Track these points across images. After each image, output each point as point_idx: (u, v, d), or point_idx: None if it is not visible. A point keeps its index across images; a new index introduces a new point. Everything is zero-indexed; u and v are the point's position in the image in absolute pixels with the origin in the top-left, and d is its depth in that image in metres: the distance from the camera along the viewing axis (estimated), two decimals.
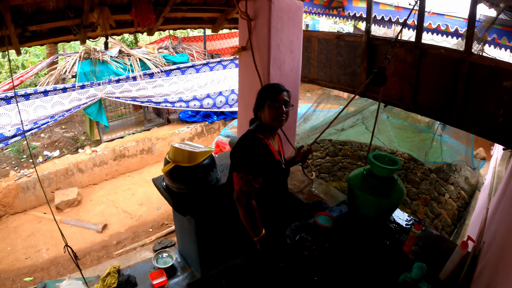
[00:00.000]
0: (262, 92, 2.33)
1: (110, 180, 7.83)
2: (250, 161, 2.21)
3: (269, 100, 2.25)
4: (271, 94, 2.27)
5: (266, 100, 2.25)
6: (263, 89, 2.34)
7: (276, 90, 2.28)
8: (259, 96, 2.33)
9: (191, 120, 9.16)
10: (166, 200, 2.92)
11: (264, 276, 1.92)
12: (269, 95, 2.27)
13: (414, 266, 1.83)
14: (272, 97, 2.25)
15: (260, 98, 2.31)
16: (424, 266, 1.82)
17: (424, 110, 3.24)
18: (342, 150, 7.52)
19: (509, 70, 2.53)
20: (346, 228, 2.34)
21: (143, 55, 7.85)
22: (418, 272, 1.81)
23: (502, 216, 1.86)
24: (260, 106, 2.30)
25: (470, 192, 5.56)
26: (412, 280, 1.84)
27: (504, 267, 1.26)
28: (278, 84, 2.32)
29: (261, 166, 2.23)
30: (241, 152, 2.26)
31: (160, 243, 5.03)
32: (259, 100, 2.32)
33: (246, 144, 2.28)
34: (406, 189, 6.89)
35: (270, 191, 2.40)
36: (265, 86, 2.34)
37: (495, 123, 2.70)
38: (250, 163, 2.20)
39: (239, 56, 3.23)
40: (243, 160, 2.23)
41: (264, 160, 2.25)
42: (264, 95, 2.29)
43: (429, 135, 5.75)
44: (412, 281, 1.84)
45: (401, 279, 1.88)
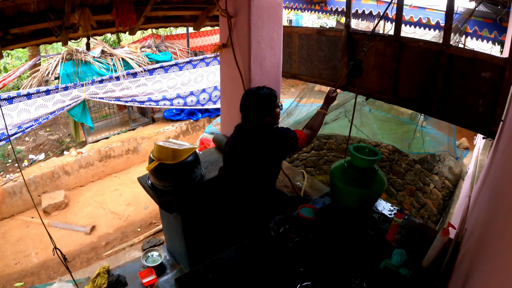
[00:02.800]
0: (272, 99, 2.35)
1: (96, 182, 7.78)
2: (293, 135, 2.36)
3: (276, 103, 2.36)
4: (276, 98, 2.37)
5: (274, 104, 2.35)
6: (272, 96, 2.35)
7: (276, 94, 2.39)
8: (270, 103, 2.33)
9: (176, 118, 9.14)
10: (152, 198, 2.93)
11: (249, 269, 1.95)
12: (275, 99, 2.37)
13: (394, 252, 1.89)
14: (276, 100, 2.38)
15: (271, 105, 2.34)
16: (403, 252, 1.88)
17: (405, 102, 3.30)
18: (327, 144, 7.55)
19: (487, 61, 2.59)
20: (330, 219, 2.39)
21: (126, 54, 7.80)
22: (398, 258, 1.87)
23: (482, 204, 1.91)
24: (270, 112, 2.34)
25: (454, 182, 5.66)
26: (392, 266, 1.89)
27: (482, 252, 1.30)
28: (270, 88, 2.39)
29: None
30: (278, 130, 2.38)
31: (148, 242, 5.04)
32: (270, 106, 2.33)
33: (283, 130, 2.39)
34: (391, 180, 7.01)
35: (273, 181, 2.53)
36: (272, 93, 2.35)
37: (475, 113, 2.76)
38: (294, 136, 2.36)
39: (220, 53, 3.25)
40: (284, 131, 2.37)
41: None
42: (273, 101, 2.35)
43: (412, 127, 5.82)
44: (393, 267, 1.90)
45: (382, 266, 1.94)
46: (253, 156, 2.34)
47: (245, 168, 2.39)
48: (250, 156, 2.34)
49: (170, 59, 8.46)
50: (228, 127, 3.41)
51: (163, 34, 11.00)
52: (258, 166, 2.36)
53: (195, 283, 1.89)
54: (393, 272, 1.89)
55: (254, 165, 2.36)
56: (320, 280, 1.89)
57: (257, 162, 2.35)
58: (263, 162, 2.35)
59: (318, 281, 1.88)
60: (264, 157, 2.33)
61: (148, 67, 7.57)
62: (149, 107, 8.80)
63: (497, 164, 1.97)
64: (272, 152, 2.33)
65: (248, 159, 2.36)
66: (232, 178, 2.50)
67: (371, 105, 6.00)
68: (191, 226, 3.07)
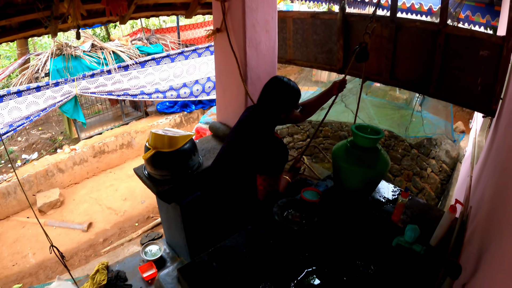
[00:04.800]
0: (298, 96, 2.29)
1: (91, 178, 7.68)
2: (279, 165, 2.25)
3: (298, 104, 2.34)
4: (300, 98, 2.32)
5: (296, 103, 2.31)
6: (299, 93, 2.28)
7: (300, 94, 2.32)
8: (294, 99, 2.27)
9: (169, 111, 9.05)
10: (149, 189, 2.87)
11: (255, 255, 1.90)
12: (299, 98, 2.31)
13: (407, 228, 1.84)
14: (299, 100, 2.33)
15: (294, 102, 2.28)
16: (417, 228, 1.83)
17: (402, 83, 3.27)
18: (323, 131, 7.54)
19: (485, 39, 2.57)
20: (334, 201, 2.35)
21: (117, 47, 7.68)
22: (411, 234, 1.82)
23: (487, 181, 1.88)
24: (290, 109, 2.27)
25: (451, 165, 5.66)
26: (406, 243, 1.85)
27: (493, 229, 1.28)
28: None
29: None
30: (272, 158, 2.23)
31: (147, 236, 4.98)
32: (292, 103, 2.27)
33: (276, 150, 2.24)
34: None
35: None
36: (298, 90, 2.27)
37: (474, 92, 2.74)
38: (279, 167, 2.25)
39: (214, 39, 3.17)
40: (273, 165, 2.23)
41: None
42: (298, 99, 2.29)
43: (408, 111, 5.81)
44: (406, 244, 1.85)
45: (394, 244, 1.89)
46: (244, 150, 2.29)
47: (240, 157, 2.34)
48: (243, 148, 2.30)
49: (161, 51, 8.34)
50: (225, 113, 3.35)
51: (153, 28, 10.89)
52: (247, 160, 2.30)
53: (198, 272, 1.84)
54: (406, 249, 1.85)
55: (248, 158, 2.30)
56: (326, 264, 1.85)
57: (251, 159, 2.29)
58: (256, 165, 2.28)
59: (324, 265, 1.84)
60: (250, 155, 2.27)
61: (139, 59, 7.47)
62: (142, 101, 8.71)
63: (499, 141, 1.95)
64: (254, 157, 2.26)
65: (240, 150, 2.31)
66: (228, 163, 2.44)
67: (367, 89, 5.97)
68: (190, 216, 3.02)
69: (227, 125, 3.35)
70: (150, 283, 3.43)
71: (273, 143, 2.23)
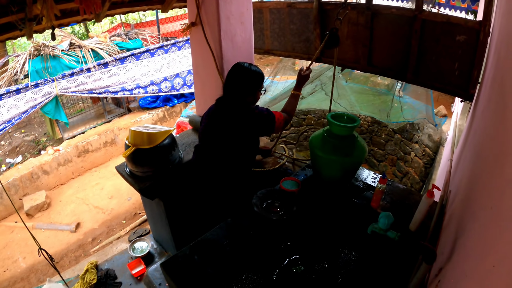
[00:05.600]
0: (261, 79, 2.32)
1: (77, 178, 7.64)
2: (272, 117, 2.32)
3: (261, 86, 2.34)
4: (263, 80, 2.34)
5: (260, 86, 2.32)
6: (261, 76, 2.33)
7: (264, 76, 2.37)
8: (257, 82, 2.30)
9: (151, 106, 9.02)
10: (132, 186, 2.85)
11: (236, 247, 1.92)
12: (263, 81, 2.34)
13: (381, 215, 1.87)
14: (263, 82, 2.34)
15: (258, 85, 2.31)
16: (390, 214, 1.86)
17: (380, 70, 3.28)
18: (306, 120, 7.56)
19: (461, 24, 2.58)
20: (313, 190, 2.37)
21: (95, 45, 7.59)
22: (385, 221, 1.84)
23: (465, 165, 1.91)
24: (254, 92, 2.31)
25: (434, 149, 5.74)
26: (380, 230, 1.87)
27: (467, 213, 1.30)
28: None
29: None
30: (257, 110, 2.32)
31: (134, 233, 4.96)
32: (256, 86, 2.30)
33: (260, 110, 2.33)
34: (372, 151, 7.07)
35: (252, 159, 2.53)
36: (260, 73, 2.32)
37: (451, 77, 2.76)
38: (273, 117, 2.33)
39: (190, 32, 3.15)
40: (263, 112, 2.32)
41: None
42: (261, 82, 2.32)
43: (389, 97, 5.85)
44: (381, 231, 1.87)
45: (369, 231, 1.92)
46: (230, 133, 2.30)
47: (221, 144, 2.35)
48: (227, 132, 2.30)
49: (141, 46, 8.27)
50: (204, 107, 3.32)
51: (133, 23, 10.77)
52: (234, 142, 2.32)
53: (181, 266, 1.85)
54: (381, 236, 1.88)
55: (230, 141, 2.32)
56: (309, 252, 1.87)
57: (233, 139, 2.31)
58: (240, 139, 2.32)
59: (307, 253, 1.86)
60: (240, 134, 2.30)
61: (119, 55, 7.40)
62: (123, 97, 8.63)
63: (477, 125, 1.97)
64: (248, 130, 2.30)
65: (225, 135, 2.32)
66: (208, 154, 2.45)
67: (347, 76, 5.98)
68: (174, 210, 3.02)
69: None
70: (139, 280, 3.42)
71: (255, 110, 2.32)
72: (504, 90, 1.28)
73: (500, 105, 1.28)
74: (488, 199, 1.04)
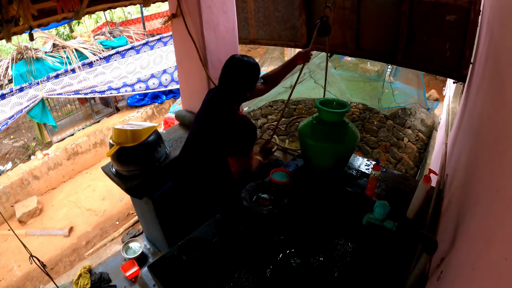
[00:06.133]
0: (258, 72, 2.23)
1: (68, 181, 7.51)
2: (248, 144, 2.18)
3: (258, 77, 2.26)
4: (260, 72, 2.26)
5: (258, 78, 2.25)
6: (259, 69, 2.22)
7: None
8: (256, 76, 2.21)
9: (140, 104, 8.91)
10: (119, 186, 2.76)
11: (225, 244, 1.83)
12: (260, 73, 2.26)
13: (376, 205, 1.78)
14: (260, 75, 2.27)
15: (256, 78, 2.22)
16: (386, 203, 1.77)
17: (369, 53, 3.21)
18: (297, 110, 7.46)
19: (451, 3, 2.50)
20: (305, 181, 2.29)
21: (79, 44, 7.45)
22: (380, 210, 1.75)
23: (461, 148, 1.83)
24: (253, 86, 2.23)
25: (427, 133, 5.68)
26: (376, 220, 1.78)
27: (468, 197, 1.23)
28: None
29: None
30: (239, 137, 2.16)
31: (128, 233, 4.86)
32: (255, 80, 2.22)
33: (242, 128, 2.16)
34: (365, 139, 7.03)
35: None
36: (257, 65, 2.21)
37: (443, 58, 2.69)
38: (248, 146, 2.18)
39: (172, 24, 3.04)
40: (241, 144, 2.16)
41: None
42: (259, 75, 2.24)
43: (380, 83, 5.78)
44: (377, 222, 1.78)
45: (365, 222, 1.84)
46: (215, 135, 2.20)
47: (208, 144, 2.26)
48: (212, 133, 2.21)
49: (125, 44, 8.12)
50: (189, 101, 3.24)
51: (118, 21, 10.62)
52: (218, 144, 2.23)
53: (169, 267, 1.76)
54: (377, 227, 1.79)
55: (215, 142, 2.22)
56: (303, 245, 1.79)
57: (217, 141, 2.21)
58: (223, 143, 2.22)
59: (301, 246, 1.78)
60: (222, 140, 2.20)
61: (103, 54, 7.26)
62: (111, 96, 8.50)
63: (471, 106, 1.90)
64: (229, 139, 2.18)
65: (210, 136, 2.22)
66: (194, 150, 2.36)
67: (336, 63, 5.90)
68: (163, 209, 2.94)
69: (193, 112, 3.24)
70: (134, 281, 3.36)
71: (239, 123, 2.15)
72: (499, 67, 1.21)
73: (496, 83, 1.22)
74: (492, 181, 0.96)
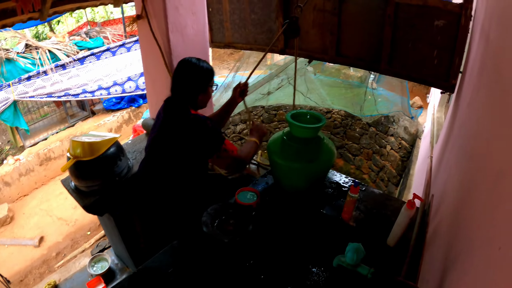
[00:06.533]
0: (211, 75, 2.07)
1: (40, 188, 7.20)
2: (212, 142, 1.98)
3: (212, 81, 2.09)
4: (214, 76, 2.10)
5: (211, 82, 2.08)
6: (212, 72, 2.07)
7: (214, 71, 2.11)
8: (208, 79, 2.06)
9: (116, 107, 8.61)
10: (77, 202, 2.53)
11: (183, 275, 1.62)
12: (213, 76, 2.10)
13: (348, 249, 1.53)
14: (214, 78, 2.12)
15: (208, 81, 2.06)
16: (360, 247, 1.52)
17: (351, 60, 3.03)
18: (277, 115, 7.33)
19: (440, 8, 2.33)
20: (274, 202, 2.07)
21: (53, 45, 7.13)
22: (353, 256, 1.51)
23: (451, 168, 1.66)
24: (206, 89, 2.06)
25: (411, 141, 5.57)
26: (348, 265, 1.55)
27: (461, 237, 1.05)
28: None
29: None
30: (204, 136, 1.98)
31: (98, 246, 4.62)
32: (207, 83, 2.06)
33: (198, 126, 1.98)
34: (347, 146, 6.91)
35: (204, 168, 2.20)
36: (212, 70, 2.07)
37: (430, 66, 2.51)
38: (213, 144, 1.98)
39: (137, 27, 2.83)
40: (210, 142, 1.99)
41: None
42: (211, 78, 2.08)
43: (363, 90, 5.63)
44: (349, 266, 1.54)
45: (335, 264, 1.60)
46: (174, 143, 2.01)
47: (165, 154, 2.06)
48: (171, 142, 2.01)
49: (102, 45, 7.81)
50: (156, 108, 3.00)
51: (100, 21, 10.35)
52: (179, 154, 2.03)
53: None
54: (349, 271, 1.55)
55: (175, 152, 2.02)
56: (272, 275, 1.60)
57: (177, 151, 2.02)
58: (184, 152, 2.02)
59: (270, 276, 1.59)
60: (184, 147, 2.01)
61: (77, 56, 6.97)
62: (86, 99, 8.19)
63: (462, 120, 1.74)
64: (194, 144, 1.99)
65: (170, 144, 2.02)
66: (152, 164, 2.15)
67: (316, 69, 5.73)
68: (127, 225, 2.72)
69: None
70: None
71: (194, 121, 1.99)
72: (501, 79, 1.03)
73: (497, 97, 1.04)
74: (492, 229, 0.78)
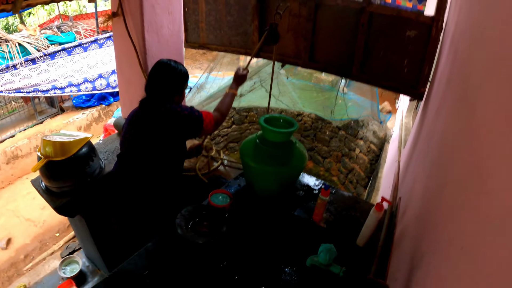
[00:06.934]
0: (186, 78, 2.13)
1: (7, 187, 6.96)
2: (195, 122, 2.05)
3: (187, 83, 2.16)
4: (188, 78, 2.16)
5: (186, 83, 2.14)
6: (187, 75, 2.12)
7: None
8: (184, 81, 2.11)
9: (86, 105, 8.40)
10: (48, 203, 2.50)
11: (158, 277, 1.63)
12: (188, 78, 2.16)
13: (321, 249, 1.62)
14: (188, 80, 2.18)
15: (184, 83, 2.12)
16: (332, 248, 1.61)
17: (323, 66, 3.10)
18: (248, 117, 7.33)
19: (412, 19, 2.43)
20: (247, 203, 2.12)
21: (23, 39, 6.89)
22: (325, 256, 1.59)
23: (417, 173, 1.74)
24: (181, 91, 2.12)
25: (379, 145, 5.72)
26: (321, 264, 1.63)
27: (426, 240, 1.10)
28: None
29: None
30: (184, 111, 2.04)
31: (67, 248, 4.53)
32: (183, 85, 2.12)
33: (178, 114, 2.04)
34: (316, 148, 7.02)
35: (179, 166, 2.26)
36: (185, 71, 2.11)
37: (400, 74, 2.61)
38: (196, 123, 2.05)
39: (112, 24, 2.80)
40: (188, 111, 2.04)
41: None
42: (186, 80, 2.14)
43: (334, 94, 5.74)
44: (322, 266, 1.63)
45: (308, 264, 1.68)
46: (153, 138, 2.04)
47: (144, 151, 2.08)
48: (150, 137, 2.04)
49: (73, 40, 7.58)
50: (129, 108, 2.99)
51: (72, 15, 10.09)
52: (158, 148, 2.06)
53: None
54: (322, 271, 1.63)
55: (153, 147, 2.05)
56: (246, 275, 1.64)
57: (157, 144, 2.05)
58: (164, 144, 2.06)
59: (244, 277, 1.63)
60: (164, 138, 2.04)
61: (48, 50, 6.74)
62: (55, 96, 7.96)
63: (429, 127, 1.82)
64: (173, 133, 2.03)
65: (147, 141, 2.05)
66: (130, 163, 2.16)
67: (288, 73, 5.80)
68: (98, 227, 2.69)
69: None
70: None
71: (170, 112, 2.04)
72: (467, 90, 1.09)
73: (463, 107, 1.10)
74: (457, 235, 0.83)
